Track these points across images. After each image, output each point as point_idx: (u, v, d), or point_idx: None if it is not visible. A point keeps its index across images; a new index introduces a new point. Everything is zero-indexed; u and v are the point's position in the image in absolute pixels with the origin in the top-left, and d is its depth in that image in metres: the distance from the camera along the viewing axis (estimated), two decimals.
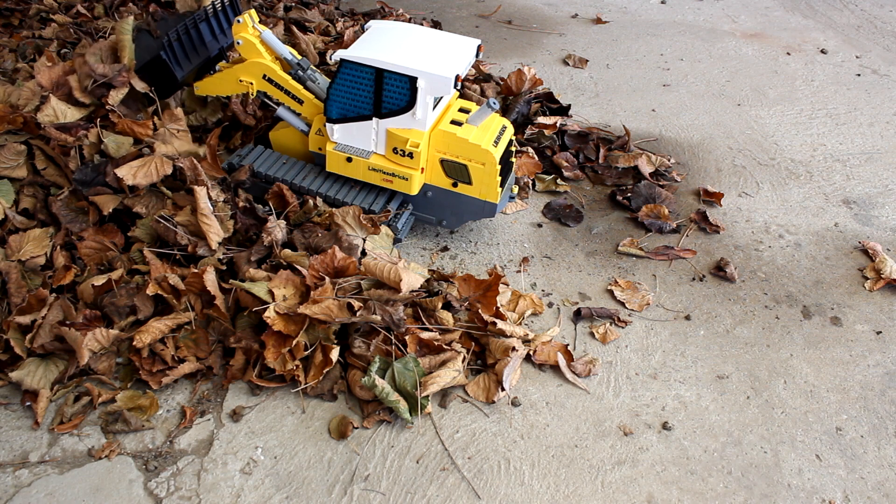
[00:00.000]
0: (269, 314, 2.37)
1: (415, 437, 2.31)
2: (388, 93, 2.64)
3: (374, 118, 2.71)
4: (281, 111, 3.00)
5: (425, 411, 2.35)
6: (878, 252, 3.08)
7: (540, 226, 3.21)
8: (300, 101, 2.94)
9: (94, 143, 2.89)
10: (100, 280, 2.51)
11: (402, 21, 4.91)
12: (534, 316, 2.76)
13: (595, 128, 3.91)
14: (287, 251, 2.66)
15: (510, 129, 2.89)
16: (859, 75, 4.60)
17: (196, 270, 2.52)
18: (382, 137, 2.74)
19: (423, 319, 2.56)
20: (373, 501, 2.14)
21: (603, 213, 3.32)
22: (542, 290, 2.88)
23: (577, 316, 2.75)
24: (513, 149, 2.96)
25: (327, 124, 2.79)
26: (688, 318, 2.79)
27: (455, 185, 2.83)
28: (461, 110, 2.86)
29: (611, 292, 2.87)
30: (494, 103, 2.67)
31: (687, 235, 3.20)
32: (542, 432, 2.34)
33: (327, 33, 4.62)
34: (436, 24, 5.08)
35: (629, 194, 3.35)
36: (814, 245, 3.17)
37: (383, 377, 2.35)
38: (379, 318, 2.40)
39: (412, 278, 2.47)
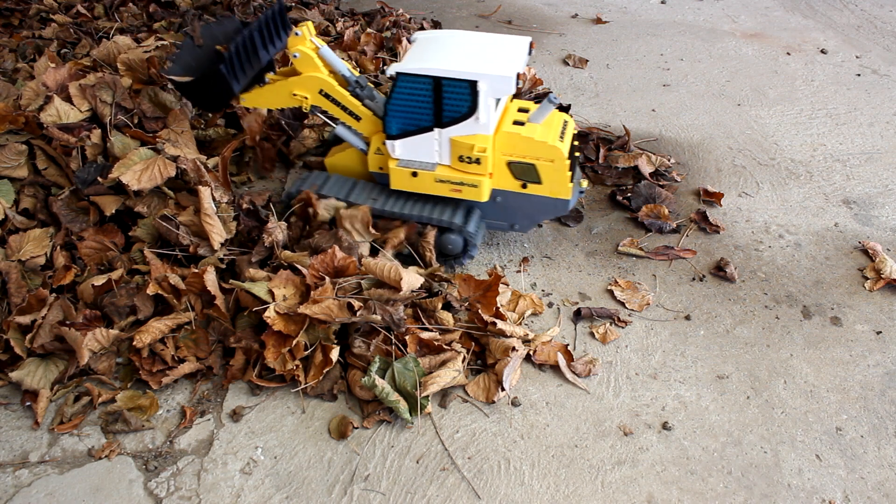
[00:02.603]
0: (269, 314, 2.37)
1: (415, 437, 2.31)
2: (449, 100, 2.60)
3: (435, 129, 2.67)
4: (339, 130, 2.91)
5: (425, 411, 2.35)
6: (878, 252, 3.07)
7: (540, 226, 3.21)
8: (357, 118, 2.86)
9: (97, 143, 2.89)
10: (100, 280, 2.51)
11: (402, 19, 4.92)
12: (534, 316, 2.76)
13: (595, 128, 3.91)
14: (287, 252, 2.65)
15: (571, 123, 2.87)
16: (859, 75, 4.60)
17: (196, 270, 2.53)
18: (446, 147, 2.70)
19: (423, 320, 2.56)
20: (373, 501, 2.14)
21: (603, 213, 3.32)
22: (542, 290, 2.88)
23: (577, 316, 2.75)
24: (576, 143, 2.90)
25: (387, 141, 2.73)
26: (688, 318, 2.79)
27: (524, 186, 2.78)
28: (520, 110, 2.82)
29: (611, 292, 2.87)
30: (555, 98, 2.66)
31: (687, 235, 3.20)
32: (542, 432, 2.34)
33: (327, 33, 4.62)
34: (436, 24, 5.08)
35: (629, 194, 3.35)
36: (814, 245, 3.17)
37: (383, 377, 2.35)
38: (379, 317, 2.40)
39: (412, 278, 2.47)
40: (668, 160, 3.63)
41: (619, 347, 2.65)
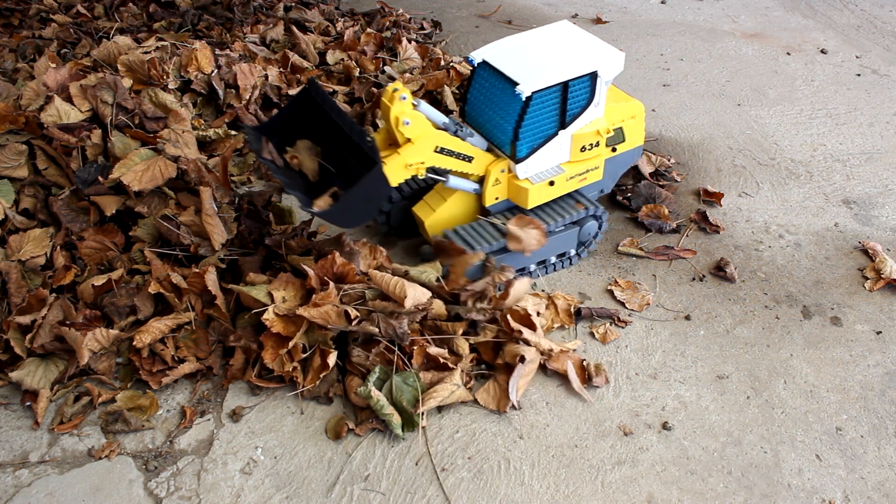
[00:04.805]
0: (268, 316, 2.37)
1: (414, 437, 2.31)
2: (573, 99, 2.67)
3: (559, 132, 2.71)
4: (453, 182, 2.73)
5: (419, 426, 2.31)
6: (878, 252, 3.07)
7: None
8: (470, 159, 2.69)
9: (97, 143, 2.89)
10: (100, 280, 2.51)
11: (402, 19, 4.92)
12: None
13: None
14: (294, 256, 2.65)
15: None
16: (859, 75, 4.59)
17: (197, 270, 2.52)
18: (567, 145, 2.76)
19: (437, 341, 2.50)
20: (373, 501, 2.14)
21: None
22: (542, 290, 2.88)
23: (578, 316, 2.75)
24: None
25: (517, 165, 2.69)
26: (688, 318, 2.79)
27: (613, 149, 2.91)
28: None
29: (611, 292, 2.87)
30: None
31: (687, 235, 3.20)
32: (542, 432, 2.34)
33: (327, 33, 4.62)
34: (436, 24, 5.08)
35: (629, 194, 3.35)
36: (814, 245, 3.17)
37: (381, 388, 2.33)
38: (377, 329, 2.38)
39: (418, 293, 2.43)
40: (668, 160, 3.63)
41: (619, 347, 2.65)
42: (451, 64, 4.02)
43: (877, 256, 3.06)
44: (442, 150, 2.61)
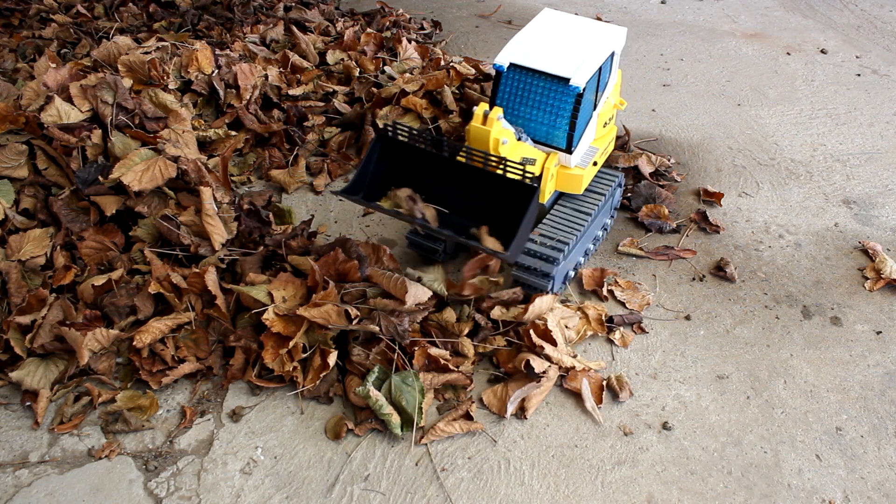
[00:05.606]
0: (268, 316, 2.36)
1: (414, 436, 2.31)
2: (602, 81, 2.78)
3: (594, 114, 2.80)
4: None
5: (419, 425, 2.31)
6: (878, 252, 3.07)
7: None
8: (534, 163, 2.66)
9: (98, 143, 2.89)
10: (100, 280, 2.51)
11: (402, 19, 4.92)
12: (593, 338, 2.70)
13: None
14: (294, 256, 2.64)
15: None
16: (859, 75, 4.59)
17: (197, 270, 2.52)
18: (594, 125, 2.85)
19: (439, 343, 2.49)
20: (373, 501, 2.14)
21: None
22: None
23: (610, 323, 2.72)
24: None
25: (571, 156, 2.70)
26: (688, 318, 2.79)
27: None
28: None
29: (611, 292, 2.87)
30: None
31: (687, 235, 3.20)
32: (542, 432, 2.35)
33: (327, 33, 4.62)
34: (436, 24, 5.08)
35: (629, 194, 3.35)
36: (814, 245, 3.17)
37: (380, 388, 2.33)
38: (377, 327, 2.37)
39: (419, 291, 2.43)
40: (668, 160, 3.62)
41: (619, 348, 2.65)
42: (451, 64, 4.02)
43: (877, 256, 3.06)
44: (524, 161, 2.57)
